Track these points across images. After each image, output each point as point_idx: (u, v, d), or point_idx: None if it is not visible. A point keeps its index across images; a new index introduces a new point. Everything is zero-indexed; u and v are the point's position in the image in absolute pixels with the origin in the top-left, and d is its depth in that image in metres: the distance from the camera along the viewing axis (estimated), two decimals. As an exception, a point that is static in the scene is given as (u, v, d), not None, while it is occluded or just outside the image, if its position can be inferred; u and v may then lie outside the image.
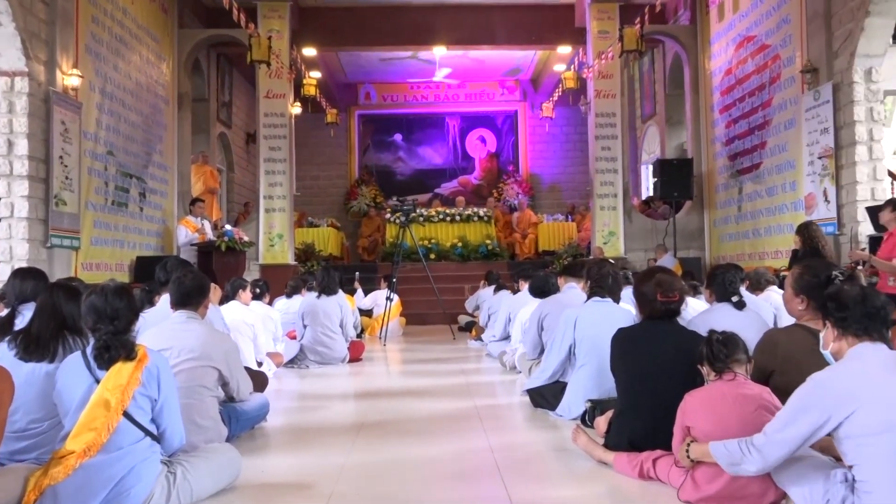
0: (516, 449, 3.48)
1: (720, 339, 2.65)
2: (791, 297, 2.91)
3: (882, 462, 2.02)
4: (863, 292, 2.24)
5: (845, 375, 2.13)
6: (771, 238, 9.35)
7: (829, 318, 2.28)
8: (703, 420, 2.53)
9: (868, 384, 2.07)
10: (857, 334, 2.19)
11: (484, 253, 13.33)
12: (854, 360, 2.17)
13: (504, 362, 6.11)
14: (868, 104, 7.43)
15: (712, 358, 2.64)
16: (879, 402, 2.04)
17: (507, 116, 17.43)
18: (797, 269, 2.94)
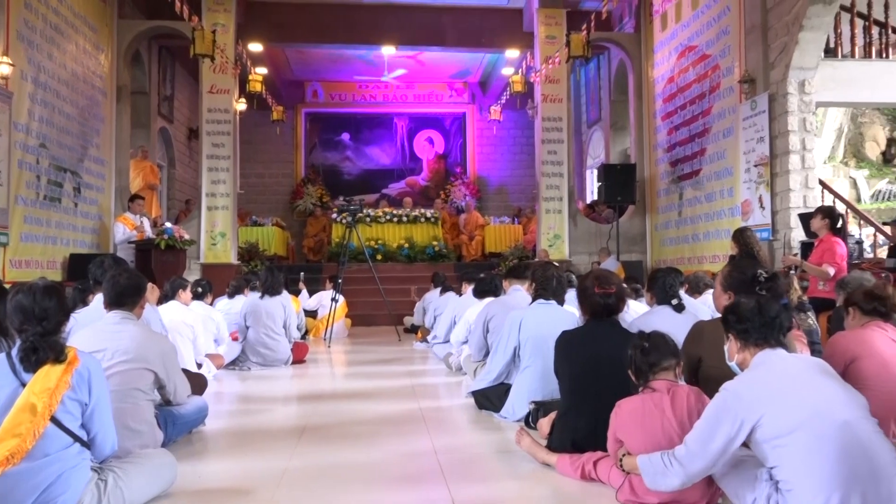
0: (460, 451, 3.47)
1: (643, 349, 2.63)
2: (720, 294, 3.04)
3: (797, 459, 2.08)
4: (758, 304, 2.35)
5: (753, 382, 2.21)
6: (709, 242, 9.62)
7: (730, 331, 2.40)
8: (631, 435, 2.55)
9: (774, 388, 2.16)
10: (757, 343, 2.31)
11: (431, 254, 13.32)
12: (759, 366, 2.27)
13: (449, 364, 6.11)
14: (801, 115, 7.72)
15: (636, 372, 2.65)
16: (786, 402, 2.11)
17: (456, 118, 17.48)
18: (726, 269, 3.10)
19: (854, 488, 1.99)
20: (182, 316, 5.33)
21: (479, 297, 5.98)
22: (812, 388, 2.14)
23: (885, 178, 15.51)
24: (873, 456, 2.03)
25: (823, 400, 2.10)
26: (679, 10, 10.47)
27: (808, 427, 2.06)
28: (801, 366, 2.26)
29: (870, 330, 3.00)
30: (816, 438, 2.04)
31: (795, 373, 2.21)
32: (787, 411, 2.09)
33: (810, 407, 2.08)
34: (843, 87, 8.22)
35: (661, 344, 2.61)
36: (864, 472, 2.01)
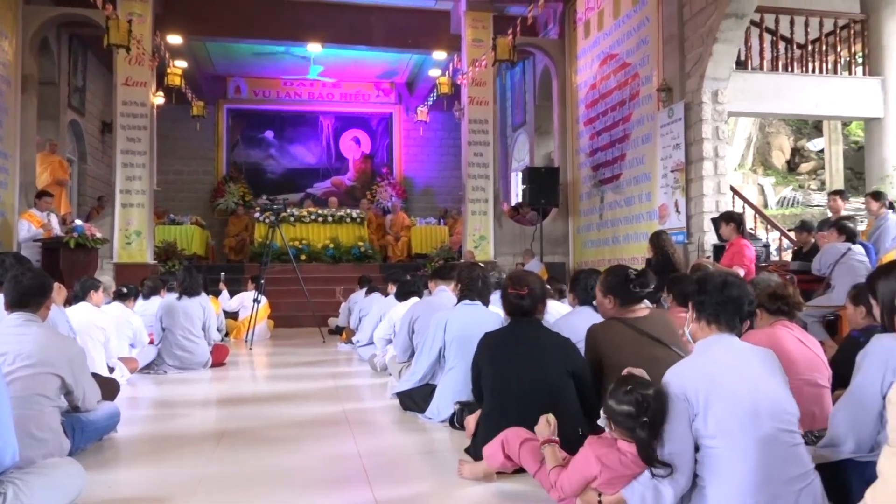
0: (385, 453, 3.45)
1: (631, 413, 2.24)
2: (601, 299, 3.20)
3: (719, 461, 2.12)
4: (725, 280, 2.34)
5: (694, 373, 2.21)
6: (629, 245, 9.93)
7: (690, 301, 2.40)
8: (604, 476, 2.35)
9: (712, 383, 2.16)
10: (709, 320, 2.30)
11: (356, 255, 13.20)
12: (702, 354, 2.27)
13: (374, 365, 6.07)
14: (714, 123, 8.07)
15: (625, 426, 2.28)
16: (721, 404, 2.13)
17: (383, 118, 17.41)
18: (602, 275, 3.25)
19: (764, 496, 2.07)
20: (93, 318, 5.07)
21: (401, 298, 5.97)
22: (753, 388, 2.15)
23: (790, 185, 16.40)
24: (788, 468, 2.11)
25: (761, 406, 2.12)
26: (601, 19, 10.77)
27: (740, 430, 2.10)
28: (744, 361, 2.23)
29: (777, 329, 3.15)
30: (742, 446, 2.09)
31: (738, 371, 2.19)
32: (720, 413, 2.11)
33: (745, 411, 2.11)
34: (753, 98, 8.64)
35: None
36: (775, 482, 2.08)
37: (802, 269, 6.42)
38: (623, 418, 2.24)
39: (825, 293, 5.83)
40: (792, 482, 2.10)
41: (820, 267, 5.92)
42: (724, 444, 2.11)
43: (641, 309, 3.20)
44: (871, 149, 9.41)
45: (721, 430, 2.11)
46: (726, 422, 2.11)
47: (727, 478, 2.10)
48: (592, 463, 2.32)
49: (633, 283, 3.13)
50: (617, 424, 2.29)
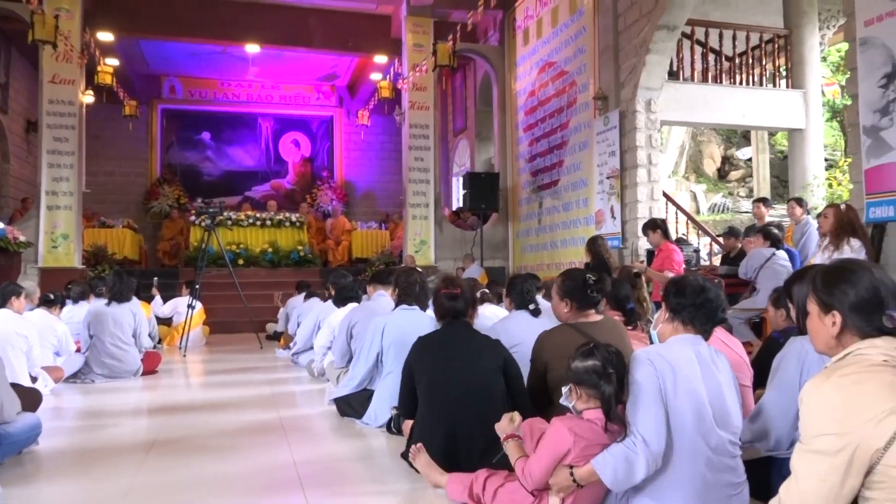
0: (321, 460, 3.41)
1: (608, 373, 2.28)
2: (557, 302, 3.21)
3: (663, 466, 2.15)
4: (702, 284, 2.37)
5: (661, 357, 2.21)
6: (566, 250, 10.11)
7: (665, 301, 2.41)
8: (577, 448, 2.30)
9: (675, 376, 2.17)
10: (684, 321, 2.32)
11: (296, 259, 13.02)
12: (669, 345, 2.28)
13: (312, 371, 6.00)
14: (648, 132, 8.31)
15: (609, 404, 2.27)
16: (679, 398, 2.14)
17: (323, 121, 17.23)
18: (559, 278, 3.27)
19: (703, 498, 2.12)
20: (14, 325, 4.85)
21: (340, 304, 5.92)
22: (713, 395, 2.18)
23: (720, 192, 16.98)
24: (728, 475, 2.17)
25: (717, 413, 2.16)
26: (540, 27, 10.95)
27: (692, 435, 2.13)
28: (709, 365, 2.24)
29: (702, 331, 3.26)
30: (694, 450, 2.13)
31: (701, 373, 2.21)
32: (682, 413, 2.14)
33: (703, 416, 2.14)
34: (684, 108, 8.94)
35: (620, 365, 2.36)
36: (713, 489, 2.14)
37: (730, 273, 6.66)
38: (589, 375, 2.26)
39: (751, 296, 6.06)
40: (728, 489, 2.17)
41: (746, 271, 6.15)
42: (677, 446, 2.13)
43: (594, 315, 3.24)
44: (794, 158, 9.84)
45: (676, 431, 2.13)
46: (682, 423, 2.13)
47: (670, 477, 2.14)
48: (564, 435, 2.26)
49: (590, 288, 3.16)
50: (582, 384, 2.29)
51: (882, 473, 1.47)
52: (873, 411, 1.48)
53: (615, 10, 8.68)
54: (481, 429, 3.06)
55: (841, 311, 1.66)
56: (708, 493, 2.13)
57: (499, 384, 3.15)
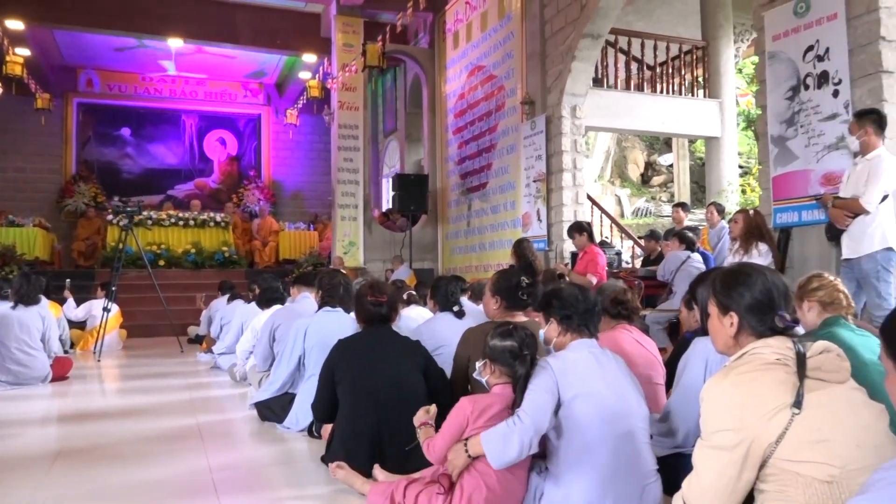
0: (238, 465, 3.33)
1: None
2: (489, 299, 3.26)
3: (575, 456, 2.21)
4: (581, 292, 2.47)
5: (567, 365, 2.29)
6: (494, 252, 10.22)
7: (552, 316, 2.47)
8: (473, 416, 2.39)
9: (582, 378, 2.26)
10: (578, 329, 2.41)
11: (220, 260, 12.70)
12: (574, 351, 2.36)
13: (234, 375, 5.86)
14: (573, 137, 8.49)
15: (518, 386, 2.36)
16: (588, 399, 2.22)
17: (250, 119, 16.87)
18: (494, 276, 3.33)
19: (614, 491, 2.18)
20: None
21: (264, 306, 5.81)
22: (614, 390, 2.26)
23: (644, 196, 17.53)
24: (639, 465, 2.23)
25: (620, 406, 2.23)
26: (469, 31, 11.04)
27: (598, 427, 2.19)
28: (609, 364, 2.35)
29: (618, 331, 3.36)
30: (600, 440, 2.18)
31: (603, 372, 2.29)
32: (587, 407, 2.20)
33: (607, 409, 2.21)
34: (608, 114, 9.19)
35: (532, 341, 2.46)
36: (623, 479, 2.19)
37: (649, 275, 6.87)
38: (505, 354, 2.35)
39: (668, 298, 6.28)
40: (640, 479, 2.23)
41: (663, 273, 6.36)
42: (582, 439, 2.20)
43: (521, 316, 3.29)
44: (711, 165, 10.27)
45: (582, 424, 2.20)
46: (588, 417, 2.20)
47: (581, 472, 2.19)
48: (464, 407, 2.36)
49: (522, 290, 3.21)
50: (496, 362, 2.37)
51: (774, 466, 1.55)
52: (766, 407, 1.56)
53: (542, 17, 8.84)
54: (407, 430, 3.06)
55: (738, 313, 1.74)
56: (617, 479, 2.18)
57: (422, 385, 3.17)
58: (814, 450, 1.50)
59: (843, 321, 2.85)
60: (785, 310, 1.71)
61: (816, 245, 4.97)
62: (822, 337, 2.31)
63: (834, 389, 1.60)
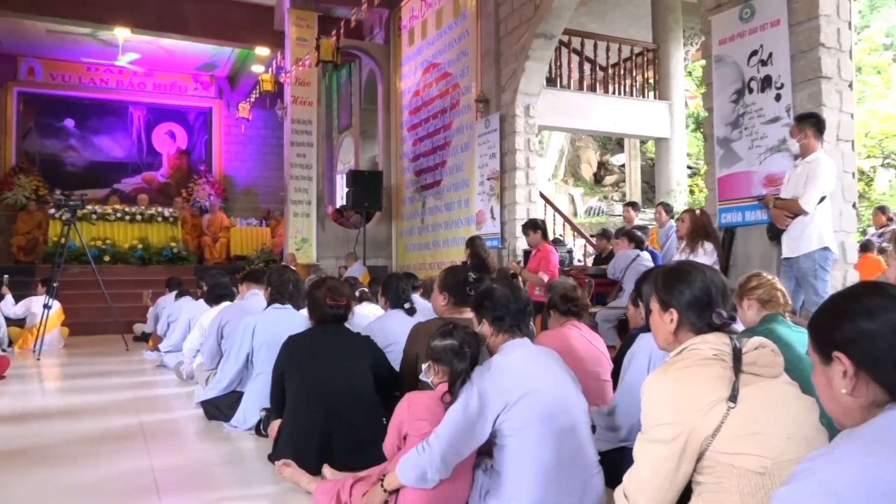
0: (183, 465, 3.27)
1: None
2: (437, 296, 3.27)
3: (520, 454, 2.21)
4: (512, 292, 2.48)
5: (497, 375, 2.28)
6: (448, 249, 10.24)
7: (485, 317, 2.47)
8: (423, 427, 2.39)
9: (518, 381, 2.25)
10: (510, 330, 2.42)
11: (168, 256, 12.40)
12: (506, 356, 2.35)
13: (181, 373, 5.74)
14: (526, 136, 8.56)
15: (454, 376, 2.38)
16: (527, 399, 2.22)
17: (201, 113, 16.52)
18: (442, 272, 3.34)
19: (557, 485, 2.19)
20: None
21: (212, 303, 5.70)
22: (552, 386, 2.27)
23: (596, 196, 17.79)
24: (581, 458, 2.25)
25: (559, 401, 2.25)
26: (425, 28, 11.02)
27: (539, 425, 2.20)
28: (544, 361, 2.36)
29: (567, 328, 3.41)
30: (542, 437, 2.19)
31: (539, 370, 2.30)
32: (526, 408, 2.21)
33: (547, 406, 2.22)
34: (562, 114, 9.29)
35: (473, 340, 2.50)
36: (567, 473, 2.21)
37: (599, 273, 6.98)
38: (446, 352, 2.38)
39: (617, 296, 6.38)
40: (583, 472, 2.25)
41: (613, 271, 6.46)
42: (525, 437, 2.20)
43: (468, 312, 3.29)
44: (661, 165, 10.48)
45: (523, 424, 2.20)
46: (528, 417, 2.21)
47: (525, 469, 2.20)
48: (402, 406, 2.42)
49: (469, 286, 3.21)
50: (439, 361, 2.41)
51: (710, 459, 1.59)
52: (703, 402, 1.59)
53: (497, 16, 8.88)
54: (356, 428, 3.05)
55: (678, 309, 1.78)
56: (560, 474, 2.20)
57: (369, 378, 3.17)
58: (747, 442, 1.54)
59: (781, 318, 2.95)
60: (722, 307, 1.75)
61: (759, 244, 5.12)
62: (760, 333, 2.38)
63: (768, 384, 1.64)
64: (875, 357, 1.12)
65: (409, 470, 2.22)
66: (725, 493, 1.56)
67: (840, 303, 1.21)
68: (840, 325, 1.17)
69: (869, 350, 1.12)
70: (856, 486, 1.02)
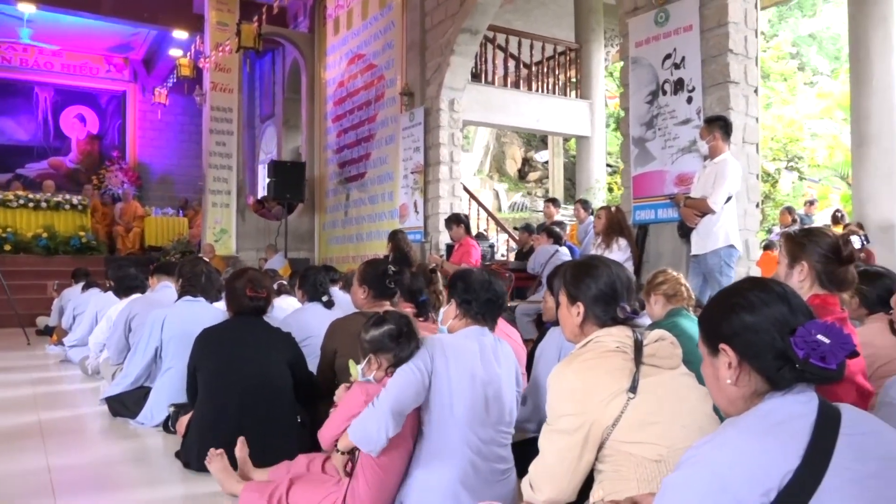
0: (84, 465, 3.11)
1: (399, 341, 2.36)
2: (356, 289, 3.24)
3: (443, 423, 2.21)
4: (488, 278, 2.44)
5: (450, 344, 2.28)
6: (372, 242, 10.18)
7: (454, 297, 2.43)
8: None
9: (457, 363, 2.23)
10: (475, 317, 2.38)
11: (76, 246, 11.79)
12: (461, 338, 2.34)
13: (86, 368, 5.48)
14: (451, 130, 8.59)
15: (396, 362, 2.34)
16: (457, 373, 2.21)
17: (114, 96, 15.80)
18: (361, 266, 3.31)
19: (471, 484, 2.21)
20: None
21: (122, 295, 5.46)
22: (490, 379, 2.28)
23: (520, 191, 18.05)
24: (495, 463, 2.28)
25: (487, 401, 2.24)
26: (350, 18, 10.89)
27: (458, 429, 2.20)
28: (491, 356, 2.33)
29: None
30: (458, 440, 2.20)
31: (484, 364, 2.28)
32: (460, 389, 2.20)
33: (476, 398, 2.22)
34: (486, 110, 9.37)
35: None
36: (483, 474, 2.23)
37: (520, 267, 7.09)
38: (385, 340, 2.30)
39: (536, 290, 6.50)
40: (495, 475, 2.28)
41: (533, 266, 6.58)
42: (446, 430, 2.20)
43: (388, 306, 3.26)
44: (581, 163, 10.73)
45: (450, 414, 2.20)
46: (457, 407, 2.19)
47: (447, 456, 2.20)
48: (357, 396, 2.32)
49: (388, 279, 3.18)
50: (379, 353, 2.32)
51: (610, 448, 1.64)
52: (605, 393, 1.64)
53: (423, 9, 8.87)
54: (269, 423, 2.98)
55: (584, 303, 1.82)
56: (476, 477, 2.22)
57: (288, 378, 3.10)
58: (645, 431, 1.60)
59: (686, 312, 3.08)
60: (627, 301, 1.81)
61: (670, 241, 5.31)
62: (664, 326, 2.48)
63: (666, 375, 1.71)
64: (757, 349, 1.17)
65: (358, 429, 2.17)
66: (624, 481, 1.61)
67: (726, 298, 1.26)
68: (726, 319, 1.22)
69: (751, 342, 1.18)
70: (736, 469, 1.07)
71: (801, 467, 1.04)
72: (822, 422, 1.09)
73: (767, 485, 1.04)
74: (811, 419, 1.10)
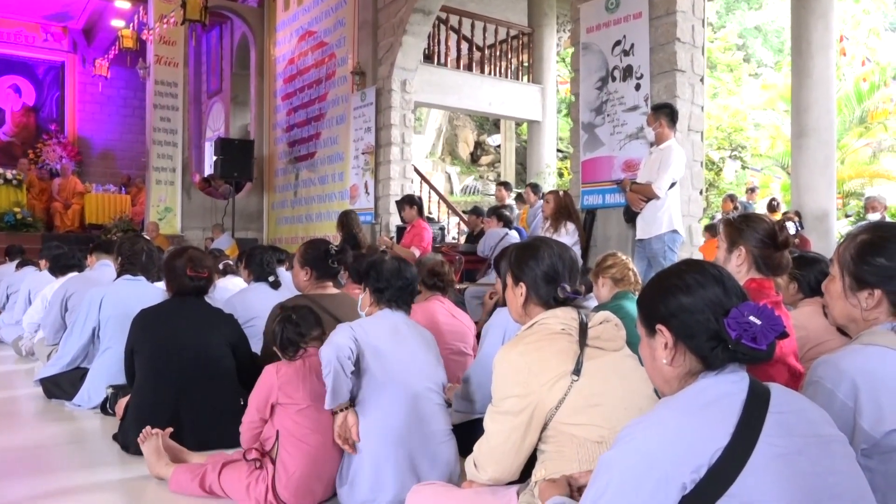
0: (17, 448, 3.01)
1: (293, 322, 2.50)
2: (298, 271, 3.21)
3: (373, 417, 2.25)
4: (399, 266, 2.50)
5: (365, 323, 2.37)
6: (321, 223, 10.06)
7: (368, 286, 2.49)
8: (296, 393, 2.39)
9: (375, 337, 2.31)
10: (388, 304, 2.44)
11: (10, 222, 11.34)
12: (375, 318, 2.42)
13: (20, 349, 5.29)
14: (402, 111, 8.52)
15: (286, 343, 2.48)
16: (379, 364, 2.27)
17: (52, 67, 15.14)
18: (301, 247, 3.27)
19: (406, 447, 2.25)
20: None
21: (58, 274, 5.28)
22: (408, 353, 2.34)
23: (472, 175, 18.08)
24: (430, 424, 2.31)
25: (407, 370, 2.30)
26: (301, -6, 10.67)
27: (390, 388, 2.25)
28: (407, 333, 2.41)
29: (432, 302, 3.45)
30: (392, 401, 2.25)
31: (401, 337, 2.37)
32: (378, 373, 2.26)
33: (395, 373, 2.28)
34: (438, 92, 9.33)
35: (308, 316, 2.57)
36: (417, 435, 2.27)
37: (469, 250, 7.12)
38: (287, 328, 2.44)
39: (486, 273, 6.54)
40: (432, 437, 2.31)
41: (483, 249, 6.62)
42: (379, 398, 2.25)
43: (332, 288, 3.24)
44: (532, 147, 10.80)
45: (378, 385, 2.25)
46: (382, 378, 2.26)
47: (377, 428, 2.24)
48: (271, 376, 2.39)
49: (331, 258, 3.16)
50: (285, 348, 2.45)
51: (553, 429, 1.66)
52: (549, 375, 1.66)
53: (375, -13, 8.75)
54: (209, 405, 2.93)
55: (526, 283, 1.84)
56: (410, 436, 2.27)
57: (230, 359, 3.06)
58: (588, 413, 1.63)
59: (631, 295, 3.14)
60: (569, 282, 1.82)
61: (616, 226, 5.41)
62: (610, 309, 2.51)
63: (610, 357, 1.74)
64: (692, 329, 1.20)
65: (328, 347, 2.22)
66: (566, 461, 1.64)
67: (664, 279, 1.29)
68: (663, 300, 1.24)
69: (687, 323, 1.20)
70: (667, 447, 1.10)
71: (730, 444, 1.07)
72: (751, 400, 1.13)
73: (697, 462, 1.07)
74: (741, 398, 1.13)
